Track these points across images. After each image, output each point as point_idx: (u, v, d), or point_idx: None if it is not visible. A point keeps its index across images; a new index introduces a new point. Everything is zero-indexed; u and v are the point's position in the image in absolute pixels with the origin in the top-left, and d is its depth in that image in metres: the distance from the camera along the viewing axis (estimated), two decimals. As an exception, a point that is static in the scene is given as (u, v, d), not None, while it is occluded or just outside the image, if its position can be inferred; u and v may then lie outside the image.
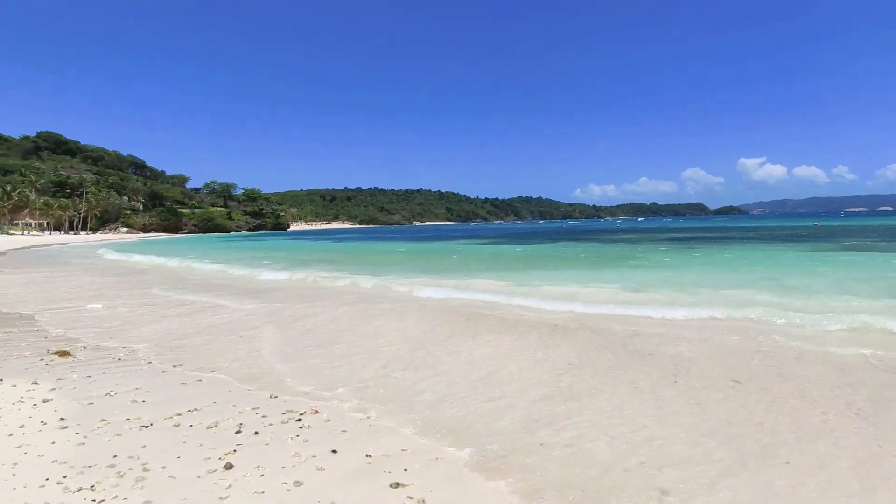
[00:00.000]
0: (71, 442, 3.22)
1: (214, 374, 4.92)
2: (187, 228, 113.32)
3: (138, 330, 7.07)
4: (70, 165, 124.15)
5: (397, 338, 6.37)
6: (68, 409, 3.81)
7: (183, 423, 3.59)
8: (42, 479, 2.72)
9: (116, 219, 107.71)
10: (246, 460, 2.99)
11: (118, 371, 4.96)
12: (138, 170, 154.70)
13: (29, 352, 5.68)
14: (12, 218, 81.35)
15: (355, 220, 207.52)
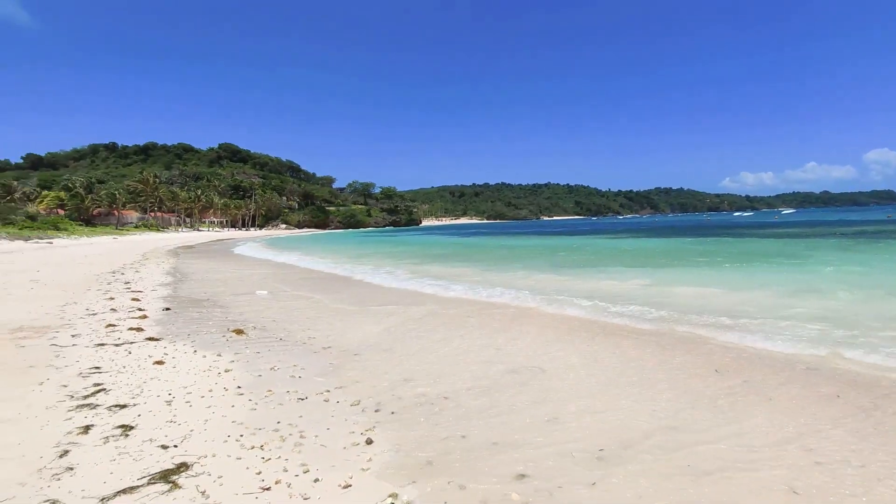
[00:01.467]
0: (245, 407, 3.81)
1: (357, 357, 5.40)
2: (333, 225, 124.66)
3: (294, 314, 8.03)
4: (243, 171, 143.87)
5: (577, 361, 6.37)
6: (243, 379, 4.50)
7: (331, 398, 4.03)
8: (225, 435, 3.26)
9: (277, 216, 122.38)
10: (385, 436, 3.26)
11: (280, 349, 5.70)
12: (294, 173, 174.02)
13: (215, 329, 6.79)
14: (201, 216, 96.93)
15: (483, 215, 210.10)
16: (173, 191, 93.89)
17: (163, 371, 4.72)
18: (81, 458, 2.88)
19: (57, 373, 4.58)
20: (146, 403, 3.82)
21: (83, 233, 51.61)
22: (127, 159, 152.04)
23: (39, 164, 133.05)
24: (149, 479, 2.66)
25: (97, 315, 7.60)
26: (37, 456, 2.91)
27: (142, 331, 6.55)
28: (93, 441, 3.12)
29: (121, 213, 76.59)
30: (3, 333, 6.11)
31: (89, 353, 5.34)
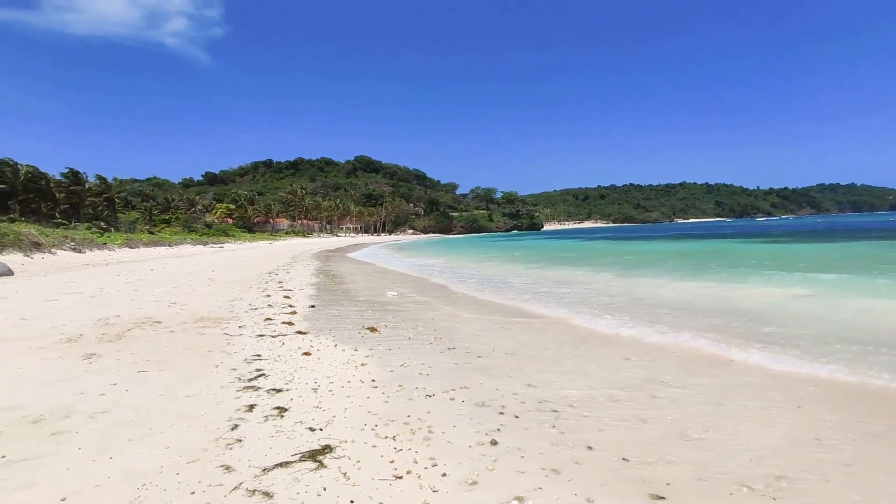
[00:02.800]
0: (379, 399, 4.08)
1: (480, 359, 5.49)
2: (456, 229, 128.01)
3: (420, 315, 8.41)
4: (375, 181, 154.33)
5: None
6: (377, 374, 4.83)
7: (457, 397, 4.15)
8: (362, 423, 3.54)
9: (404, 222, 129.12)
10: (509, 440, 3.27)
11: (408, 348, 6.02)
12: (420, 181, 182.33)
13: (351, 326, 7.40)
14: (339, 223, 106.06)
15: (608, 218, 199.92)
16: (316, 200, 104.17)
17: (309, 361, 5.26)
18: (248, 432, 3.33)
19: (228, 358, 5.35)
20: (297, 389, 4.29)
21: (246, 238, 59.73)
22: (280, 174, 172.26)
23: (214, 180, 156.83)
24: (300, 456, 2.98)
25: (257, 310, 8.72)
26: (215, 426, 3.43)
27: (292, 325, 7.36)
28: (256, 418, 3.59)
29: (275, 221, 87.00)
30: (189, 323, 7.31)
31: (252, 342, 6.15)
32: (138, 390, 4.18)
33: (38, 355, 5.28)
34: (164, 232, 45.58)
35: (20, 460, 2.86)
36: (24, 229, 22.58)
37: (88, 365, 4.92)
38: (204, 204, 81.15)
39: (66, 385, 4.27)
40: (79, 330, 6.59)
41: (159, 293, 10.74)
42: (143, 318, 7.62)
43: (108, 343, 5.89)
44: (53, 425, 3.38)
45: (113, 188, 48.06)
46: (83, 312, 8.03)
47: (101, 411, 3.66)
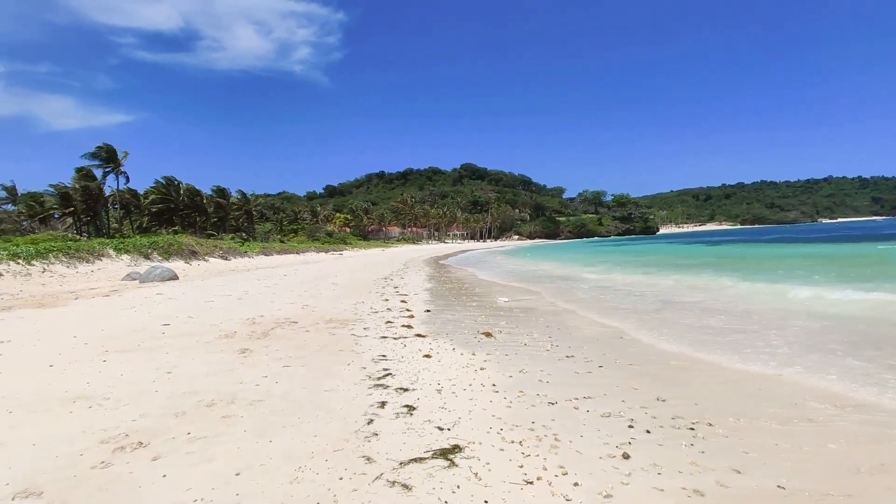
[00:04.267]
0: (501, 404, 4.13)
1: (602, 369, 5.30)
2: (563, 235, 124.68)
3: (533, 322, 8.33)
4: (481, 188, 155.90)
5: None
6: (497, 378, 4.89)
7: (580, 406, 4.05)
8: (487, 426, 3.60)
9: (510, 228, 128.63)
10: (642, 454, 3.12)
11: (525, 354, 6.00)
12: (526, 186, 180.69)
13: (467, 331, 7.56)
14: (446, 230, 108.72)
15: (735, 219, 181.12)
16: (425, 209, 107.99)
17: (431, 363, 5.48)
18: (382, 427, 3.56)
19: (357, 357, 5.76)
20: (422, 389, 4.49)
21: (361, 246, 63.76)
22: (391, 184, 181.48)
23: (334, 192, 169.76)
24: (432, 454, 3.12)
25: (378, 313, 9.27)
26: (353, 420, 3.72)
27: (411, 328, 7.72)
28: (388, 415, 3.83)
29: (387, 229, 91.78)
30: (321, 323, 7.99)
31: (376, 343, 6.56)
32: (285, 383, 4.68)
33: (204, 349, 6.13)
34: (292, 241, 50.35)
35: (202, 437, 3.35)
36: (185, 240, 26.37)
37: (244, 359, 5.61)
38: (325, 214, 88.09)
39: (229, 375, 4.91)
40: (233, 327, 7.53)
41: (293, 296, 11.88)
42: (282, 318, 8.49)
43: (257, 340, 6.66)
44: (223, 409, 3.91)
45: (251, 202, 54.19)
46: (234, 312, 9.16)
47: (258, 399, 4.16)
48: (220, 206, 49.05)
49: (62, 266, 17.29)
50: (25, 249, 17.11)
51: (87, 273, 17.72)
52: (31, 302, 11.01)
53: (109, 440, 3.28)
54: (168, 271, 17.29)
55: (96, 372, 4.99)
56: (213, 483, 2.73)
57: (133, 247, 22.03)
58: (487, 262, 32.42)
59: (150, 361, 5.45)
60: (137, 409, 3.88)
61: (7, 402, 4.06)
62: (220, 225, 48.56)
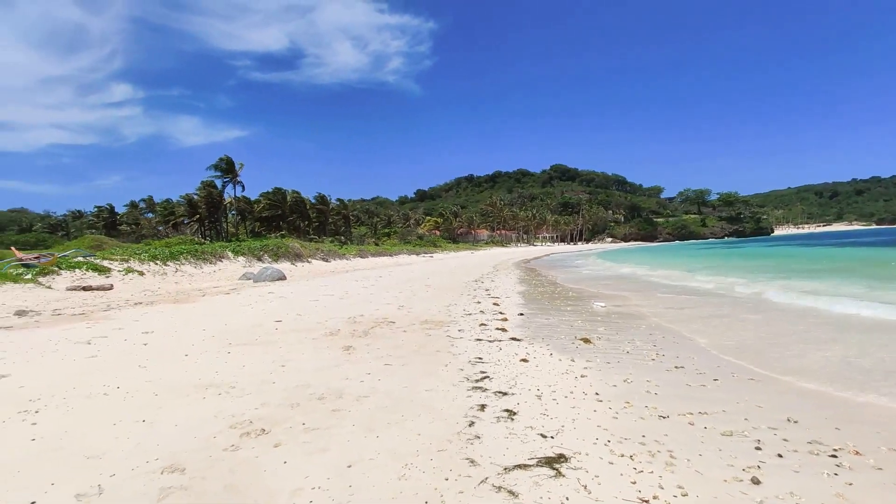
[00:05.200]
0: (607, 414, 3.93)
1: (717, 382, 4.86)
2: (662, 237, 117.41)
3: (632, 330, 7.88)
4: (571, 189, 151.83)
5: None
6: (599, 387, 4.68)
7: (696, 423, 3.74)
8: (594, 437, 3.45)
9: (603, 230, 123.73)
10: (775, 481, 2.80)
11: (629, 362, 5.68)
12: (620, 186, 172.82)
13: (564, 336, 7.34)
14: (535, 232, 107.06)
15: (870, 218, 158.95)
16: (513, 211, 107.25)
17: (528, 368, 5.38)
18: (483, 430, 3.55)
19: (454, 358, 5.82)
20: (521, 394, 4.42)
21: (451, 248, 64.73)
22: (479, 187, 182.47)
23: (424, 196, 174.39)
24: (536, 461, 3.05)
25: (471, 315, 9.32)
26: (454, 421, 3.74)
27: (505, 331, 7.65)
28: (488, 418, 3.80)
29: (475, 231, 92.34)
30: (417, 324, 8.20)
31: (471, 345, 6.58)
32: (387, 381, 4.84)
33: (312, 345, 6.55)
34: (386, 243, 52.45)
35: (315, 428, 3.56)
36: (291, 243, 28.51)
37: (348, 356, 5.90)
38: (416, 218, 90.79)
39: (335, 371, 5.19)
40: (337, 325, 7.97)
41: (388, 297, 12.33)
42: (380, 318, 8.83)
43: (359, 338, 6.98)
44: (332, 403, 4.13)
45: (348, 207, 57.35)
46: (337, 311, 9.69)
47: (363, 395, 4.34)
48: (321, 211, 52.47)
49: (190, 266, 19.46)
50: (161, 252, 19.50)
51: (210, 273, 19.79)
52: (167, 298, 12.50)
53: (237, 426, 3.60)
54: (277, 272, 18.77)
55: (222, 362, 5.52)
56: (328, 473, 2.87)
57: (247, 249, 24.22)
58: (579, 265, 31.37)
59: (266, 355, 5.92)
60: (259, 399, 4.22)
61: (153, 386, 4.62)
62: (320, 229, 51.93)
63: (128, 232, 47.81)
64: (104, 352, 6.07)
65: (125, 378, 4.86)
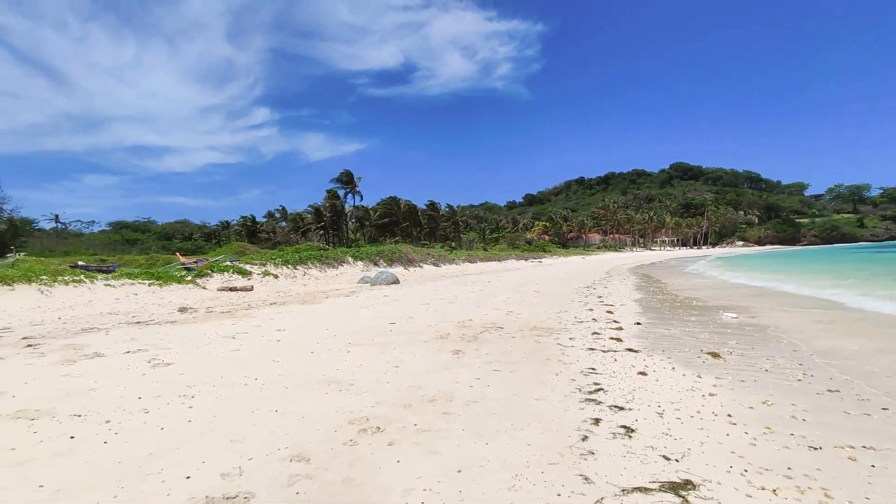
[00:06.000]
0: (742, 440, 3.51)
1: (887, 412, 4.10)
2: (806, 240, 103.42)
3: (775, 343, 6.96)
4: (694, 188, 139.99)
5: None
6: (732, 408, 4.19)
7: (860, 458, 3.18)
8: (726, 464, 3.09)
9: (732, 233, 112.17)
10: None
11: (767, 382, 5.03)
12: (753, 184, 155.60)
13: (687, 348, 6.73)
14: (653, 236, 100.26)
15: None
16: (628, 214, 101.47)
17: (647, 382, 5.01)
18: (598, 447, 3.36)
19: (565, 367, 5.61)
20: (639, 410, 4.12)
21: (560, 253, 63.04)
22: (590, 190, 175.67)
23: (533, 200, 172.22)
24: (659, 485, 2.81)
25: (583, 323, 8.95)
26: (566, 434, 3.60)
27: (621, 341, 7.22)
28: (603, 433, 3.60)
29: (587, 236, 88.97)
30: (526, 330, 8.07)
31: (584, 354, 6.30)
32: (496, 387, 4.81)
33: (423, 347, 6.75)
34: (494, 249, 52.60)
35: (426, 430, 3.64)
36: (404, 248, 29.82)
37: (457, 359, 5.98)
38: (524, 223, 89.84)
39: (445, 374, 5.28)
40: (446, 329, 8.13)
41: (497, 302, 12.31)
42: (489, 323, 8.84)
43: (468, 342, 7.04)
44: (442, 406, 4.20)
45: (457, 213, 58.58)
46: (446, 315, 9.90)
47: (472, 400, 4.36)
48: (431, 217, 54.29)
49: (316, 270, 21.22)
50: (292, 257, 21.53)
51: (333, 276, 21.41)
52: (296, 299, 13.75)
53: (355, 422, 3.81)
54: (392, 276, 19.73)
55: (343, 361, 5.91)
56: (439, 476, 2.92)
57: (365, 254, 25.82)
58: (703, 271, 28.66)
59: (381, 355, 6.22)
60: (374, 397, 4.44)
61: (285, 379, 5.08)
62: (431, 234, 53.70)
63: (265, 239, 53.63)
64: (245, 346, 6.82)
65: (261, 371, 5.41)
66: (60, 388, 4.69)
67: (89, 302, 11.64)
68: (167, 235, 56.53)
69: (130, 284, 13.91)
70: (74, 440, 3.43)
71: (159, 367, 5.52)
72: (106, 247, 40.71)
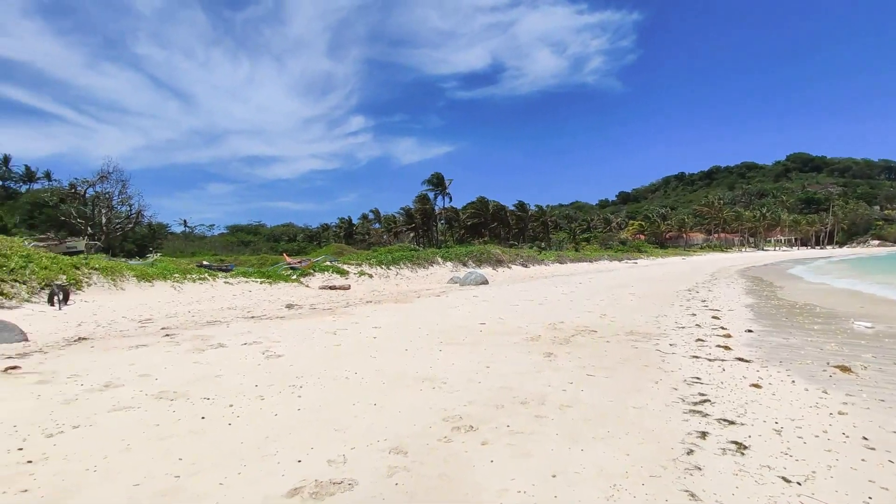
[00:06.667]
0: (884, 468, 3.09)
1: None
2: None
3: (927, 360, 6.02)
4: (816, 181, 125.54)
5: None
6: (868, 430, 3.71)
7: None
8: (863, 494, 2.75)
9: (865, 230, 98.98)
10: None
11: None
12: (892, 174, 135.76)
13: (810, 360, 6.04)
14: (766, 235, 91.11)
15: None
16: (737, 211, 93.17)
17: (761, 396, 4.58)
18: (705, 462, 3.14)
19: (665, 375, 5.30)
20: (753, 426, 3.78)
21: (658, 254, 59.42)
22: (692, 186, 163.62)
23: (627, 198, 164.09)
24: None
25: (685, 328, 8.38)
26: (668, 446, 3.40)
27: (729, 349, 6.66)
28: (711, 449, 3.35)
29: (687, 235, 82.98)
30: (621, 335, 7.73)
31: (687, 362, 5.90)
32: (591, 392, 4.67)
33: (514, 348, 6.72)
34: (585, 249, 50.89)
35: (519, 432, 3.63)
36: (493, 249, 29.86)
37: (549, 362, 5.89)
38: (618, 222, 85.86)
39: (537, 376, 5.22)
40: (537, 331, 8.03)
41: (589, 304, 11.91)
42: (581, 326, 8.59)
43: (559, 345, 6.90)
44: (535, 409, 4.17)
45: (546, 213, 57.48)
46: (537, 316, 9.77)
47: (566, 405, 4.27)
48: (520, 218, 53.81)
49: (407, 270, 21.96)
50: (385, 257, 22.47)
51: (423, 276, 22.01)
52: (390, 298, 14.33)
53: (448, 419, 3.90)
54: (480, 276, 19.85)
55: (435, 359, 6.07)
56: (533, 479, 2.90)
57: (454, 255, 26.23)
58: (831, 273, 25.48)
59: (472, 355, 6.30)
60: (466, 396, 4.51)
61: (381, 375, 5.33)
62: (519, 235, 53.23)
63: (360, 240, 56.51)
64: (345, 342, 7.25)
65: (360, 366, 5.72)
66: (192, 373, 5.31)
67: (212, 297, 13.03)
68: (275, 237, 61.63)
69: (245, 282, 15.36)
70: (205, 420, 3.87)
71: (272, 359, 6.05)
72: (224, 248, 45.37)
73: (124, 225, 34.04)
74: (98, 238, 29.99)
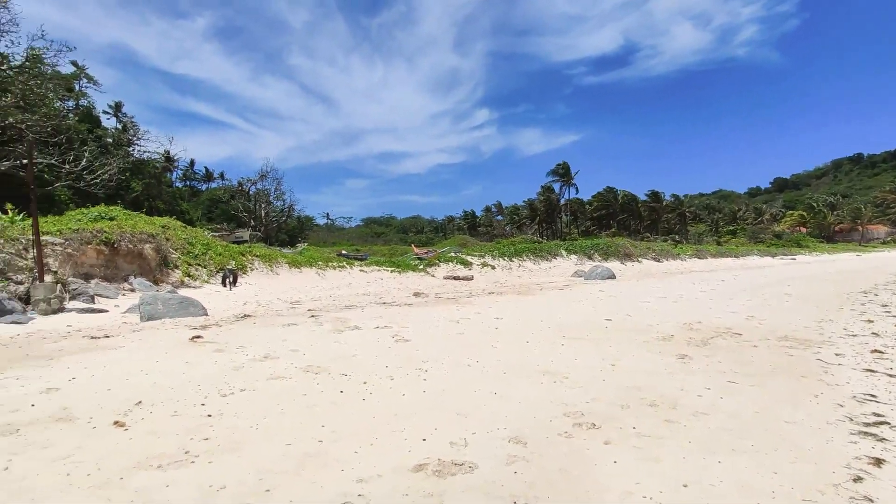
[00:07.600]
0: None
1: None
2: None
3: None
4: None
5: None
6: None
7: None
8: None
9: None
10: None
11: None
12: None
13: None
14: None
15: None
16: (937, 198, 76.08)
17: (963, 424, 3.75)
18: (878, 494, 2.69)
19: (828, 389, 4.60)
20: (949, 458, 3.13)
21: (823, 250, 51.10)
22: (872, 169, 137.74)
23: (784, 186, 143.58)
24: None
25: (857, 337, 7.16)
26: (828, 469, 2.97)
27: (919, 365, 5.55)
28: (887, 478, 2.85)
29: (864, 228, 70.13)
30: (772, 340, 6.86)
31: (858, 376, 5.05)
32: (731, 400, 4.24)
33: (643, 347, 6.35)
34: (730, 243, 45.70)
35: (647, 435, 3.45)
36: (621, 242, 28.26)
37: (683, 364, 5.45)
38: (772, 213, 75.57)
39: (668, 379, 4.88)
40: (669, 331, 7.47)
41: (733, 304, 10.73)
42: (722, 327, 7.79)
43: (696, 347, 6.35)
44: (665, 413, 3.91)
45: (683, 204, 52.69)
46: (669, 315, 9.08)
47: (701, 412, 3.94)
48: (652, 209, 50.10)
49: (530, 263, 21.78)
50: (508, 249, 22.53)
51: (546, 269, 21.66)
52: (512, 290, 14.37)
53: (569, 414, 3.84)
54: (607, 270, 18.95)
55: (557, 353, 5.98)
56: (661, 486, 2.74)
57: (579, 248, 25.36)
58: None
59: (596, 351, 6.08)
60: (589, 393, 4.39)
61: (502, 364, 5.40)
62: (652, 227, 49.59)
63: (483, 232, 57.26)
64: (467, 331, 7.46)
65: (482, 354, 5.86)
66: (333, 351, 5.91)
67: (349, 284, 14.27)
68: (404, 229, 65.35)
69: (377, 270, 16.53)
70: (343, 394, 4.29)
71: (400, 343, 6.47)
72: (359, 238, 49.32)
73: (279, 218, 38.73)
74: (258, 229, 34.50)
